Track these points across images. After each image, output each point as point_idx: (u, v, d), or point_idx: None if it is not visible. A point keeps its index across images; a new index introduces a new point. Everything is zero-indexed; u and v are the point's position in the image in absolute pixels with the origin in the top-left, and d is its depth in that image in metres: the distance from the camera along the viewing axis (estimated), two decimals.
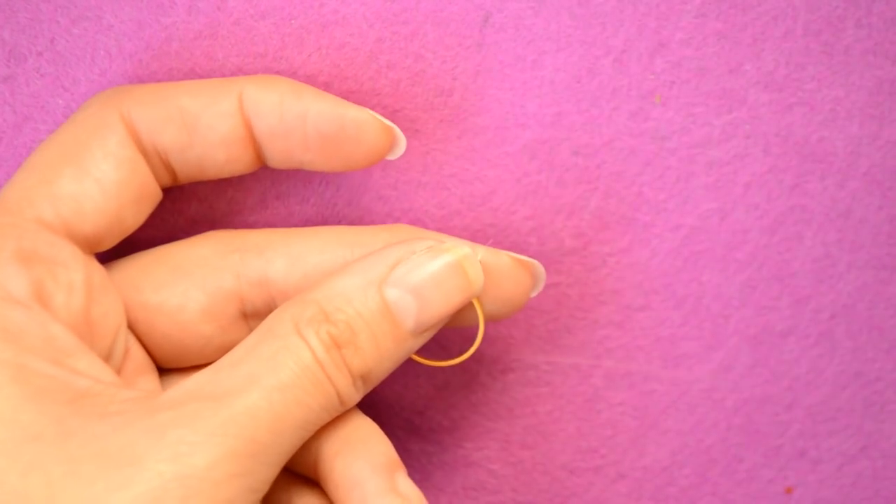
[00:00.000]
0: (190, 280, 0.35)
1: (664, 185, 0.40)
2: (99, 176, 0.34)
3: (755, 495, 0.42)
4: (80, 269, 0.34)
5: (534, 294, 0.36)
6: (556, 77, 0.39)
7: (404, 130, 0.39)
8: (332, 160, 0.36)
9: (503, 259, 0.35)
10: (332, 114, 0.35)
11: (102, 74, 0.38)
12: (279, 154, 0.36)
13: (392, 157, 0.36)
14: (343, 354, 0.32)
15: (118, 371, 0.35)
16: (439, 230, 0.39)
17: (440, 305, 0.33)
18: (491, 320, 0.35)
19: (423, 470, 0.42)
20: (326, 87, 0.39)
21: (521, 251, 0.40)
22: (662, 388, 0.41)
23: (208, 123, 0.35)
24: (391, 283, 0.33)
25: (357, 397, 0.33)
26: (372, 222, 0.40)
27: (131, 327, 0.36)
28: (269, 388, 0.31)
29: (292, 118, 0.35)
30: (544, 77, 0.39)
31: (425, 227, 0.40)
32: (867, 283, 0.40)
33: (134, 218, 0.35)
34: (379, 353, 0.33)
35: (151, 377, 0.36)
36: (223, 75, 0.39)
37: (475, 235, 0.40)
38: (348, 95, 0.39)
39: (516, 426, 0.41)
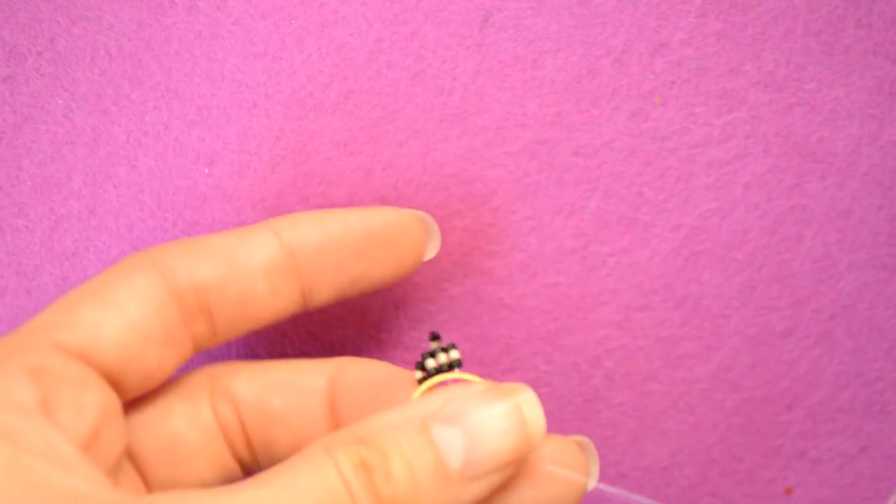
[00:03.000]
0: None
1: (664, 185, 0.40)
2: (121, 307, 0.33)
3: (755, 495, 0.42)
4: (94, 392, 0.33)
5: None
6: (556, 77, 0.39)
7: (404, 130, 0.39)
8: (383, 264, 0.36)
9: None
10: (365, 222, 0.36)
11: (102, 74, 0.38)
12: (329, 275, 0.36)
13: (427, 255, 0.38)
14: (373, 479, 0.30)
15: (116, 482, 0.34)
16: (440, 230, 0.39)
17: (492, 445, 0.32)
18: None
19: None
20: (326, 87, 0.39)
21: (521, 251, 0.40)
22: (662, 388, 0.41)
23: (247, 253, 0.35)
24: (439, 418, 0.32)
25: None
26: None
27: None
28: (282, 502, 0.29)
29: (335, 231, 0.36)
30: (544, 77, 0.39)
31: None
32: (867, 283, 0.40)
33: (159, 362, 0.34)
34: (415, 487, 0.31)
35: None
36: (223, 75, 0.39)
37: (475, 235, 0.40)
38: (348, 96, 0.39)
39: None
